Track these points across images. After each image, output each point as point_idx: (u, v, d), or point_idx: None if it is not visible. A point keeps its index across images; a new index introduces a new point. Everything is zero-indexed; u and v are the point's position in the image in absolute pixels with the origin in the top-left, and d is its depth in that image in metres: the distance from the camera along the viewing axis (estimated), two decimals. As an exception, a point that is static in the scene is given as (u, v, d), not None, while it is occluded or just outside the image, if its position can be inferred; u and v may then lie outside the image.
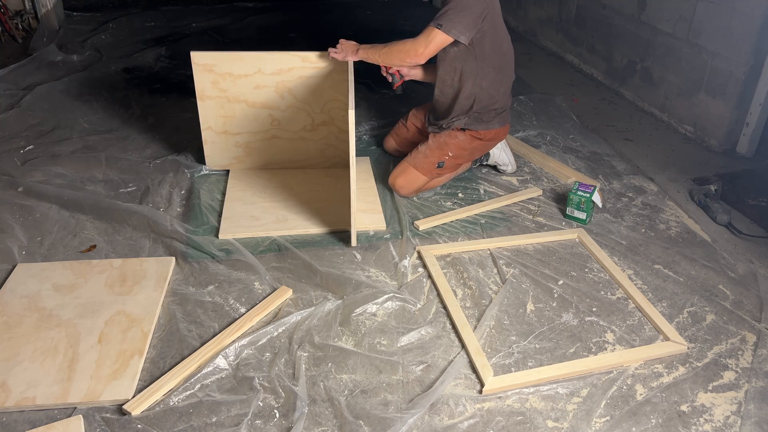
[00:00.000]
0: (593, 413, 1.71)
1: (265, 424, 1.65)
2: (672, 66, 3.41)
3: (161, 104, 3.55)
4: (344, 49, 2.52)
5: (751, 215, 2.63)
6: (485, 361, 1.84)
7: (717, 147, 3.19)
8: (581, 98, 3.83)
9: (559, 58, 4.51)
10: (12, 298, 2.03)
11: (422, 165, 2.60)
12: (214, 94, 2.65)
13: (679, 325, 2.04)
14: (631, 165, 3.05)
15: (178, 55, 4.34)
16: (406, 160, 2.64)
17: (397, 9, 5.69)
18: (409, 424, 1.65)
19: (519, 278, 2.22)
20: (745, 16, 2.93)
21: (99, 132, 3.19)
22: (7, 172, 2.77)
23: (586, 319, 2.04)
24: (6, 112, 3.33)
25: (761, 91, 3.00)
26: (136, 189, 2.68)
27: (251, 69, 2.61)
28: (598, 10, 4.02)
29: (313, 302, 2.07)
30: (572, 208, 2.54)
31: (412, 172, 2.60)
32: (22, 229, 2.39)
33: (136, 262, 2.20)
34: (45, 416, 1.65)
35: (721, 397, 1.78)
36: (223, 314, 2.01)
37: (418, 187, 2.63)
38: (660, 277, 2.26)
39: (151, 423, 1.63)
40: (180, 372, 1.76)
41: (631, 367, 1.87)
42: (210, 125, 2.72)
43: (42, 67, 3.96)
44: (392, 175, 2.66)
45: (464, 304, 2.09)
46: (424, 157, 2.60)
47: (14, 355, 1.80)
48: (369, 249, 2.35)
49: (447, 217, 2.53)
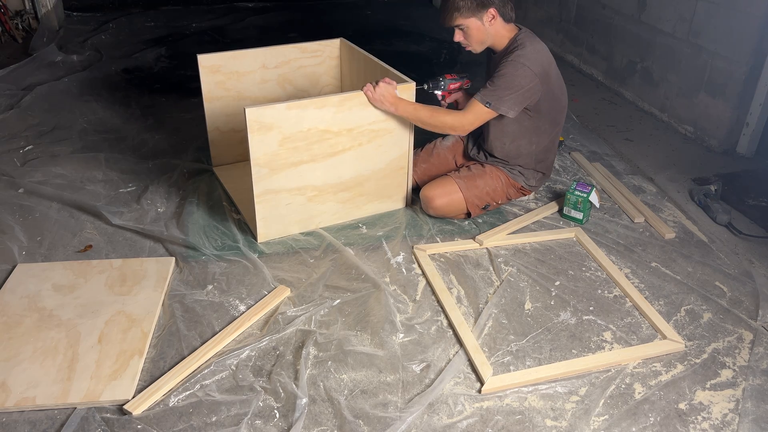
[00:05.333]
0: (592, 412, 1.71)
1: (265, 424, 1.65)
2: (672, 66, 3.42)
3: (161, 104, 3.56)
4: (382, 95, 2.27)
5: (751, 215, 2.63)
6: (484, 360, 1.84)
7: (717, 147, 3.19)
8: (581, 98, 3.83)
9: (559, 58, 4.48)
10: (12, 298, 2.03)
11: (472, 199, 2.44)
12: (221, 94, 2.69)
13: (676, 324, 2.04)
14: (631, 165, 3.06)
15: (178, 55, 4.34)
16: (459, 186, 2.43)
17: (397, 9, 5.69)
18: (408, 423, 1.65)
19: (516, 277, 2.22)
20: (745, 16, 2.93)
21: (99, 132, 3.19)
22: (6, 172, 2.77)
23: (584, 318, 2.05)
24: (6, 112, 3.33)
25: (761, 91, 3.00)
26: (136, 189, 2.69)
27: (256, 65, 2.71)
28: (598, 10, 4.02)
29: (311, 301, 2.07)
30: (569, 207, 2.54)
31: (459, 201, 2.44)
32: (22, 229, 2.40)
33: (136, 262, 2.21)
34: (45, 416, 1.65)
35: (718, 395, 1.79)
36: (223, 314, 2.01)
37: (453, 215, 2.50)
38: (657, 276, 2.26)
39: (151, 423, 1.64)
40: (180, 372, 1.77)
41: (629, 365, 1.87)
42: (217, 126, 2.75)
43: (42, 67, 3.97)
44: (433, 191, 2.45)
45: (461, 304, 2.10)
46: (478, 191, 2.45)
47: (14, 355, 1.81)
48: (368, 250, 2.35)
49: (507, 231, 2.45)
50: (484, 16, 2.25)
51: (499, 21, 2.29)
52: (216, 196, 2.64)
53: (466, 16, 2.25)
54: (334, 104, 2.22)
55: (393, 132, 2.39)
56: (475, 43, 2.33)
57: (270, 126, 2.14)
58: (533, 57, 2.25)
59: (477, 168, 2.51)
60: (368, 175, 2.44)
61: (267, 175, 2.22)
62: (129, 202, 2.60)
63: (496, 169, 2.50)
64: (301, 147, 2.24)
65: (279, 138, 2.18)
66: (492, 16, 2.26)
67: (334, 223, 2.48)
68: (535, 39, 2.32)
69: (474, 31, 2.28)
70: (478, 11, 2.24)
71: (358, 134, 2.33)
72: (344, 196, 2.44)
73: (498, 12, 2.26)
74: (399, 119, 2.36)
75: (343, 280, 2.18)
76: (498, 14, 2.27)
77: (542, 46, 2.32)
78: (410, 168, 2.53)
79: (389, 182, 2.51)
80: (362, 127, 2.32)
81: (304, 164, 2.28)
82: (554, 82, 2.36)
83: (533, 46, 2.28)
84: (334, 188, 2.40)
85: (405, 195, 2.59)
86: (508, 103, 2.26)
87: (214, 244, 2.33)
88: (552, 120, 2.43)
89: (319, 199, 2.39)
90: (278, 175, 2.25)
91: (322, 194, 2.38)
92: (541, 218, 2.57)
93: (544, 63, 2.29)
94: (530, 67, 2.24)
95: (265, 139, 2.16)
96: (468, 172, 2.49)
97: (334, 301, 2.07)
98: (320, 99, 2.20)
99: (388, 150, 2.43)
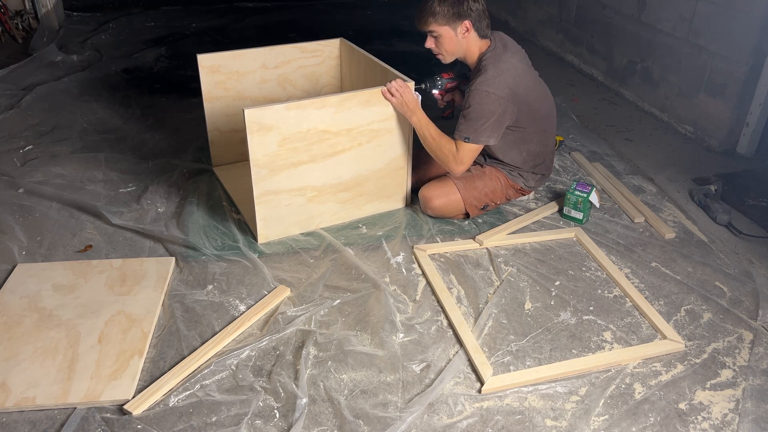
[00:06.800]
0: (592, 412, 1.71)
1: (265, 424, 1.65)
2: (672, 66, 3.42)
3: (161, 104, 3.56)
4: (407, 101, 2.29)
5: (751, 215, 2.63)
6: (484, 359, 1.84)
7: (717, 147, 3.19)
8: (581, 98, 3.83)
9: (559, 59, 4.51)
10: (12, 298, 2.03)
11: (471, 200, 2.45)
12: (221, 94, 2.70)
13: (676, 324, 2.04)
14: (631, 165, 3.06)
15: (178, 55, 4.34)
16: (457, 187, 2.44)
17: (397, 9, 5.69)
18: (408, 423, 1.65)
19: (516, 277, 2.22)
20: (745, 16, 2.93)
21: (99, 132, 3.19)
22: (6, 172, 2.77)
23: (584, 318, 2.05)
24: (6, 112, 3.33)
25: (761, 91, 3.00)
26: (136, 189, 2.69)
27: (256, 65, 2.71)
28: (598, 10, 4.02)
29: (311, 301, 2.07)
30: (569, 207, 2.54)
31: (458, 202, 2.44)
32: (22, 229, 2.40)
33: (136, 262, 2.21)
34: (45, 416, 1.65)
35: (718, 395, 1.79)
36: (223, 314, 2.01)
37: (452, 215, 2.50)
38: (657, 276, 2.26)
39: (151, 423, 1.64)
40: (180, 372, 1.77)
41: (629, 365, 1.87)
42: (217, 126, 2.76)
43: (42, 67, 3.97)
44: (431, 192, 2.46)
45: (461, 303, 2.10)
46: (477, 193, 2.45)
47: (14, 355, 1.81)
48: (368, 249, 2.35)
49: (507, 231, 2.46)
50: (459, 28, 2.24)
51: (473, 35, 2.27)
52: (216, 196, 2.64)
53: (441, 23, 2.24)
54: (333, 104, 2.22)
55: (392, 132, 2.39)
56: (446, 52, 2.33)
57: (269, 127, 2.14)
58: (496, 81, 2.22)
59: (476, 169, 2.51)
60: (368, 175, 2.44)
61: (267, 176, 2.22)
62: (129, 202, 2.60)
63: (495, 170, 2.50)
64: (300, 147, 2.23)
65: (278, 139, 2.18)
66: (466, 28, 2.25)
67: (334, 224, 2.48)
68: (501, 58, 2.27)
69: (446, 41, 2.28)
70: (453, 21, 2.23)
71: (357, 134, 2.32)
72: (344, 196, 2.44)
73: (473, 26, 2.25)
74: (399, 119, 2.36)
75: (343, 280, 2.18)
76: (473, 28, 2.26)
77: (507, 65, 2.27)
78: (410, 168, 2.53)
79: (389, 182, 2.51)
80: (362, 127, 2.32)
81: (304, 165, 2.28)
82: (527, 95, 2.33)
83: (496, 68, 2.24)
84: (333, 188, 2.39)
85: (405, 195, 2.59)
86: (485, 133, 2.26)
87: (214, 244, 2.33)
88: (537, 128, 2.42)
89: (319, 199, 2.39)
90: (278, 176, 2.25)
91: (322, 194, 2.38)
92: (541, 218, 2.57)
93: (509, 83, 2.25)
94: (495, 92, 2.22)
95: (264, 140, 2.16)
96: (467, 173, 2.49)
97: (334, 301, 2.07)
98: (319, 99, 2.20)
99: (387, 150, 2.43)
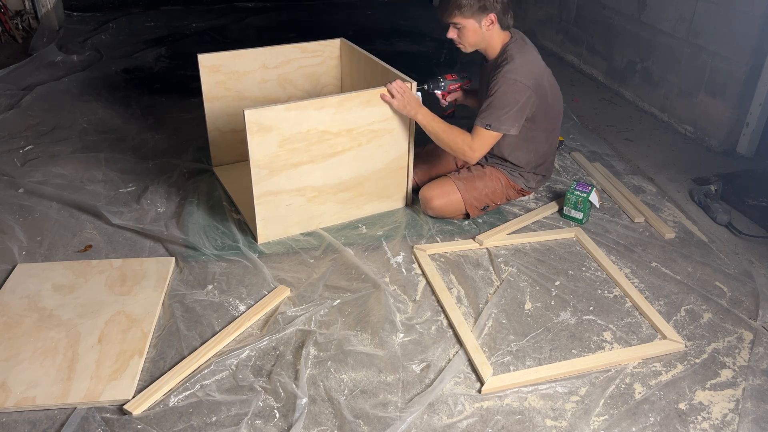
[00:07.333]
0: (592, 412, 1.71)
1: (265, 424, 1.65)
2: (672, 66, 3.42)
3: (161, 104, 3.56)
4: (408, 102, 2.29)
5: (751, 215, 2.63)
6: (484, 359, 1.84)
7: (717, 147, 3.19)
8: (581, 98, 3.83)
9: (559, 58, 4.51)
10: (12, 298, 2.03)
11: (471, 200, 2.44)
12: (221, 94, 2.69)
13: (676, 324, 2.04)
14: (631, 165, 3.06)
15: (178, 55, 4.34)
16: (457, 187, 2.43)
17: (397, 9, 5.69)
18: (408, 423, 1.65)
19: (516, 277, 2.22)
20: (745, 16, 2.93)
21: (99, 132, 3.19)
22: (6, 172, 2.77)
23: (584, 318, 2.05)
24: (6, 112, 3.33)
25: (761, 91, 3.00)
26: (136, 189, 2.69)
27: (256, 65, 2.71)
28: (598, 10, 4.02)
29: (311, 301, 2.07)
30: (569, 207, 2.54)
31: (458, 202, 2.44)
32: (22, 229, 2.40)
33: (136, 262, 2.21)
34: (45, 416, 1.65)
35: (718, 395, 1.79)
36: (223, 314, 2.01)
37: (452, 215, 2.49)
38: (657, 276, 2.26)
39: (151, 423, 1.64)
40: (180, 372, 1.77)
41: (629, 365, 1.87)
42: (217, 126, 2.75)
43: (42, 67, 3.97)
44: (432, 192, 2.45)
45: (461, 303, 2.10)
46: (477, 193, 2.45)
47: (14, 355, 1.81)
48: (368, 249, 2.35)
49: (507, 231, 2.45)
50: (483, 20, 2.25)
51: (496, 27, 2.28)
52: (216, 196, 2.64)
53: (467, 16, 2.24)
54: (333, 105, 2.22)
55: (393, 132, 2.39)
56: (468, 44, 2.32)
57: (269, 127, 2.14)
58: (523, 70, 2.24)
59: (477, 169, 2.51)
60: (368, 175, 2.44)
61: (267, 176, 2.22)
62: (129, 202, 2.60)
63: (496, 171, 2.50)
64: (300, 148, 2.23)
65: (278, 139, 2.18)
66: (491, 21, 2.25)
67: (334, 224, 2.48)
68: (524, 49, 2.30)
69: (470, 32, 2.28)
70: (479, 14, 2.23)
71: (357, 135, 2.32)
72: (344, 196, 2.44)
73: (497, 18, 2.26)
74: (399, 119, 2.36)
75: (343, 280, 2.18)
76: (497, 21, 2.26)
77: (532, 56, 2.31)
78: (410, 168, 2.53)
79: (389, 182, 2.51)
80: (362, 127, 2.32)
81: (304, 165, 2.28)
82: (548, 90, 2.35)
83: (523, 57, 2.26)
84: (333, 189, 2.39)
85: (405, 195, 2.59)
86: (508, 122, 2.26)
87: (214, 244, 2.33)
88: (547, 127, 2.43)
89: (319, 199, 2.39)
90: (278, 177, 2.25)
91: (322, 195, 2.38)
92: (541, 218, 2.57)
93: (535, 74, 2.27)
94: (522, 81, 2.23)
95: (264, 141, 2.16)
96: (468, 173, 2.49)
97: (334, 301, 2.07)
98: (319, 100, 2.20)
99: (387, 150, 2.43)
